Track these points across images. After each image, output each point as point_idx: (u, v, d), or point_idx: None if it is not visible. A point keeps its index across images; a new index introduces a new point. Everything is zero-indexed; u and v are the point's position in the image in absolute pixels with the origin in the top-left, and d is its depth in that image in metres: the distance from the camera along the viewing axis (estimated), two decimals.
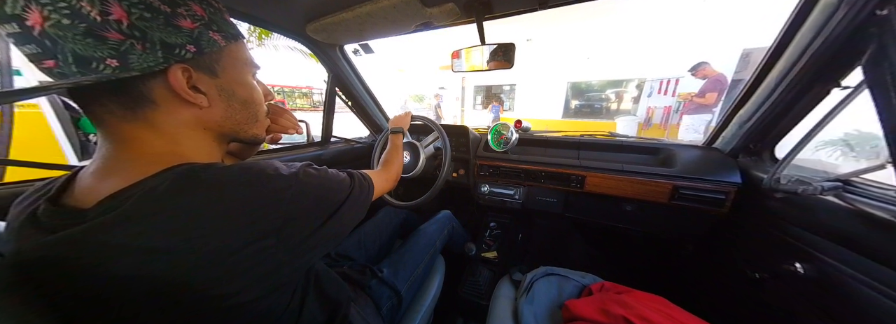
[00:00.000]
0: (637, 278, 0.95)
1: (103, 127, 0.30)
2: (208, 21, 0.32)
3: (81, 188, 0.30)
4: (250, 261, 0.28)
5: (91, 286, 0.25)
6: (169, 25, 0.28)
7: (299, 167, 0.36)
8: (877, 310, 0.48)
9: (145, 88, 0.29)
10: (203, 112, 0.34)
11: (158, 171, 0.29)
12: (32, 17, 0.23)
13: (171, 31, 0.29)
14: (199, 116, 0.34)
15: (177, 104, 0.32)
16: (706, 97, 3.46)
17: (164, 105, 0.31)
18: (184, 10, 0.29)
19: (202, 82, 0.33)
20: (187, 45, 0.30)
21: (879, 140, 0.48)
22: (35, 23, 0.24)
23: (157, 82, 0.30)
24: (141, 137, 0.31)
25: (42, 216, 0.28)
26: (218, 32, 0.33)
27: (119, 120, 0.30)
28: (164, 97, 0.31)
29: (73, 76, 0.26)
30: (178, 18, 0.29)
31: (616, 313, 0.59)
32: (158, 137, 0.31)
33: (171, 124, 0.32)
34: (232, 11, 0.74)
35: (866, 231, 0.51)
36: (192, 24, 0.30)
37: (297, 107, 13.57)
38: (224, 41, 0.34)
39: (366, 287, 0.70)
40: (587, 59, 6.10)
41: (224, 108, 0.36)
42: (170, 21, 0.28)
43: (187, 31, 0.30)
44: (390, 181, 0.70)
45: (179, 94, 0.31)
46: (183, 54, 0.30)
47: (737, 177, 0.83)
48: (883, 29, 0.47)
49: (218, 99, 0.35)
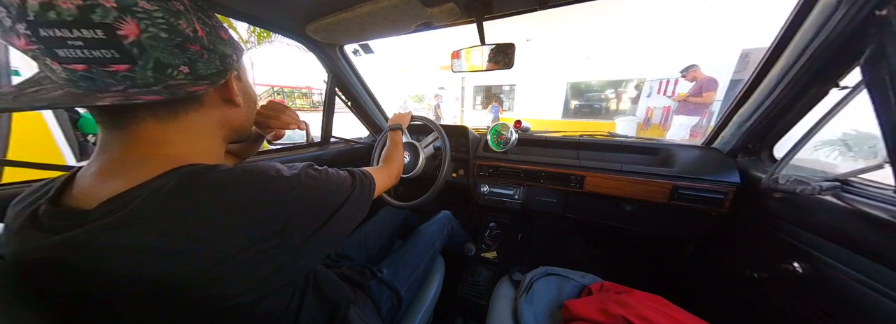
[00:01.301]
0: (636, 278, 0.95)
1: (127, 125, 0.30)
2: (227, 29, 0.35)
3: (82, 189, 0.30)
4: (254, 262, 0.28)
5: (94, 287, 0.25)
6: (218, 37, 0.33)
7: (301, 168, 0.36)
8: (875, 309, 0.49)
9: (200, 92, 0.32)
10: (232, 112, 0.38)
11: (162, 172, 0.29)
12: (127, 28, 0.25)
13: (223, 43, 0.33)
14: (227, 116, 0.38)
15: (217, 105, 0.36)
16: (703, 96, 3.53)
17: (207, 106, 0.35)
18: (216, 22, 0.33)
19: (237, 86, 0.37)
20: (232, 54, 0.35)
21: (877, 140, 0.49)
22: (130, 33, 0.26)
23: (212, 87, 0.33)
24: (166, 138, 0.32)
25: (43, 217, 0.28)
26: (237, 41, 0.37)
27: (155, 119, 0.31)
28: (211, 100, 0.35)
29: (144, 79, 0.28)
30: (219, 30, 0.33)
31: (615, 312, 0.59)
32: (182, 137, 0.33)
33: (201, 124, 0.35)
34: (232, 11, 0.74)
35: (864, 231, 0.51)
36: (227, 35, 0.34)
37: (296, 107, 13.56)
38: (241, 48, 0.37)
39: (365, 288, 0.70)
40: (587, 59, 6.11)
41: (246, 107, 0.41)
42: (217, 33, 0.33)
43: (229, 42, 0.34)
44: (392, 177, 0.70)
45: (231, 96, 0.36)
46: (231, 62, 0.35)
47: (736, 177, 0.83)
48: (882, 29, 0.47)
49: (243, 99, 0.39)
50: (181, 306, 0.26)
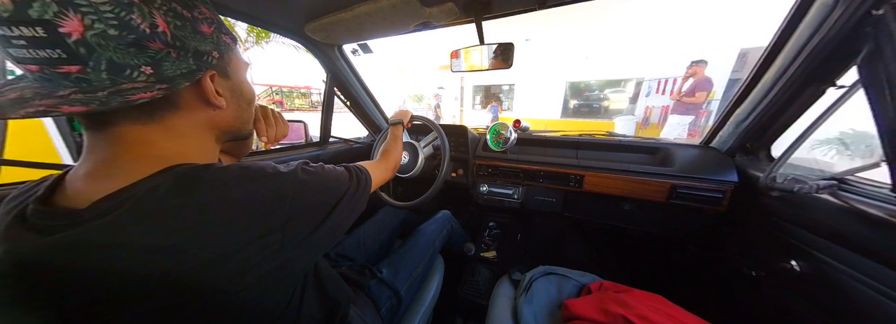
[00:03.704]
0: (636, 277, 0.96)
1: (109, 129, 0.29)
2: (218, 24, 0.32)
3: (74, 189, 0.30)
4: (258, 257, 0.28)
5: (92, 288, 0.25)
6: (196, 33, 0.29)
7: (296, 165, 0.36)
8: (872, 307, 0.49)
9: (174, 94, 0.30)
10: (217, 113, 0.35)
11: (155, 172, 0.28)
12: (69, 24, 0.22)
13: (199, 39, 0.30)
14: (213, 117, 0.35)
15: (198, 108, 0.33)
16: (695, 96, 3.54)
17: (185, 109, 0.32)
18: (198, 15, 0.30)
19: (220, 85, 0.34)
20: (213, 51, 0.31)
21: (874, 139, 0.49)
22: (73, 30, 0.23)
23: (187, 88, 0.31)
24: (150, 139, 0.30)
25: (31, 217, 0.28)
26: (227, 35, 0.34)
27: (133, 123, 0.29)
28: (188, 102, 0.32)
29: (100, 82, 0.25)
30: (200, 24, 0.30)
31: (615, 312, 0.59)
32: (167, 140, 0.31)
33: (185, 126, 0.33)
34: (230, 11, 0.74)
35: (861, 229, 0.52)
36: (209, 29, 0.31)
37: (295, 107, 13.53)
38: (231, 43, 0.35)
39: (365, 287, 0.70)
40: (585, 58, 6.12)
41: (235, 108, 0.38)
42: (195, 28, 0.29)
43: (210, 37, 0.31)
44: (389, 171, 0.70)
45: (208, 98, 0.32)
46: (210, 60, 0.31)
47: (734, 176, 0.83)
48: (878, 28, 0.47)
49: (231, 100, 0.36)
50: (184, 304, 0.26)
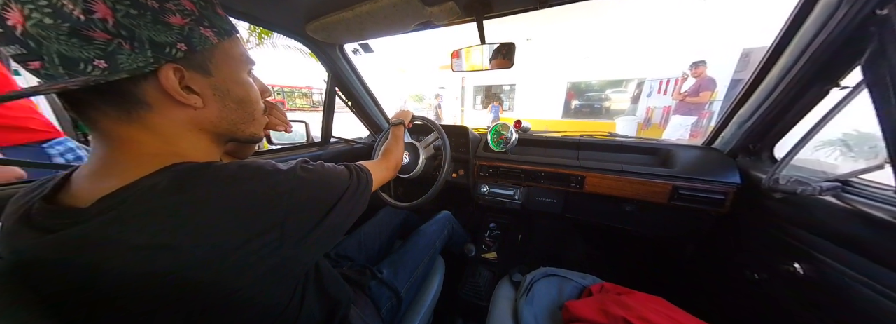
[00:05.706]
0: (637, 279, 0.95)
1: (97, 129, 0.29)
2: (199, 16, 0.30)
3: (78, 188, 0.30)
4: (256, 255, 0.28)
5: (92, 285, 0.25)
6: (157, 23, 0.27)
7: (295, 163, 0.36)
8: (876, 310, 0.48)
9: (137, 90, 0.28)
10: (197, 113, 0.33)
11: (154, 171, 0.28)
12: (13, 16, 0.22)
13: (161, 29, 0.27)
14: (193, 117, 0.33)
15: (170, 106, 0.31)
16: (699, 96, 3.53)
17: (157, 107, 0.30)
18: (172, 6, 0.28)
19: (195, 82, 0.31)
20: (178, 43, 0.29)
21: (878, 140, 0.48)
22: (16, 22, 0.23)
23: (149, 84, 0.29)
24: (137, 138, 0.30)
25: (36, 215, 0.28)
26: (210, 28, 0.31)
27: (114, 122, 0.29)
28: (157, 99, 0.30)
29: (61, 78, 0.25)
30: (167, 15, 0.28)
31: (616, 314, 0.59)
32: (155, 139, 0.31)
33: (166, 126, 0.31)
34: (230, 10, 0.74)
35: (865, 232, 0.51)
36: (182, 21, 0.29)
37: (296, 107, 13.56)
38: (217, 38, 0.32)
39: (365, 288, 0.70)
40: (585, 58, 6.10)
41: (219, 108, 0.35)
42: (158, 18, 0.27)
43: (177, 29, 0.28)
44: (390, 170, 0.70)
45: (172, 95, 0.30)
46: (174, 53, 0.29)
47: (736, 177, 0.83)
48: (883, 28, 0.47)
49: (212, 99, 0.34)
50: (184, 302, 0.26)
